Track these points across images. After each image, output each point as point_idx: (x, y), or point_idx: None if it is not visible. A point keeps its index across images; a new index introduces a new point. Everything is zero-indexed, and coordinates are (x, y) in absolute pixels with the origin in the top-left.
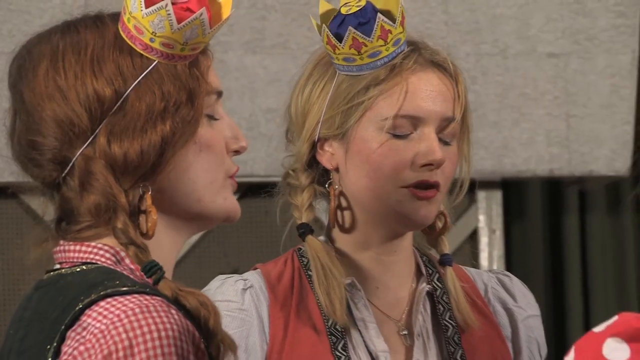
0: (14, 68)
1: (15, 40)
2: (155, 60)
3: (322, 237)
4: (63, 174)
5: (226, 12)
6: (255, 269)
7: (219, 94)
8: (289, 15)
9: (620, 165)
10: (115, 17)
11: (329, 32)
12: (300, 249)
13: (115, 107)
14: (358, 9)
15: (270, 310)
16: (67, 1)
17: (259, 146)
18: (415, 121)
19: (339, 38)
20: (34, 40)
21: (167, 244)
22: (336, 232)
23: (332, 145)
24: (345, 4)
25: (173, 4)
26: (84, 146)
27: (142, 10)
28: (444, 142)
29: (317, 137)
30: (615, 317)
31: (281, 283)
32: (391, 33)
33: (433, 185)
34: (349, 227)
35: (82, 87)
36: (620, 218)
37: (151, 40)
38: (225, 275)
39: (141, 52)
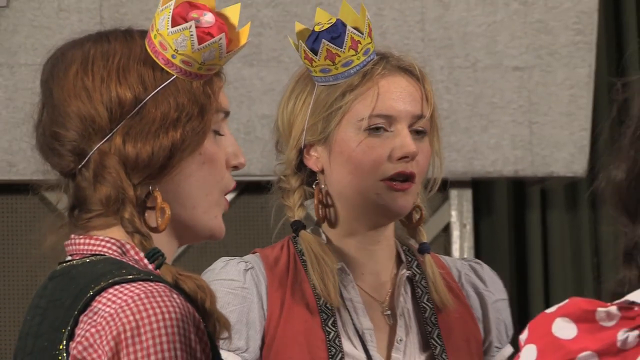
0: (47, 67)
1: (38, 53)
2: (174, 75)
3: (313, 230)
4: (79, 166)
5: (243, 40)
6: (255, 252)
7: (227, 113)
8: (282, 32)
9: (578, 167)
10: (143, 33)
11: (306, 48)
12: (295, 237)
13: (134, 112)
14: (329, 25)
15: (268, 290)
16: (83, 18)
17: (255, 148)
18: (389, 120)
19: (315, 52)
20: (69, 44)
21: (164, 247)
22: (325, 226)
23: (317, 149)
24: (318, 23)
25: (197, 27)
26: (101, 142)
27: (168, 29)
28: (416, 138)
29: (303, 143)
30: (566, 300)
31: (278, 266)
32: (360, 43)
33: (409, 177)
34: (335, 221)
35: (106, 90)
36: (578, 214)
37: (173, 56)
38: (228, 257)
39: (163, 66)
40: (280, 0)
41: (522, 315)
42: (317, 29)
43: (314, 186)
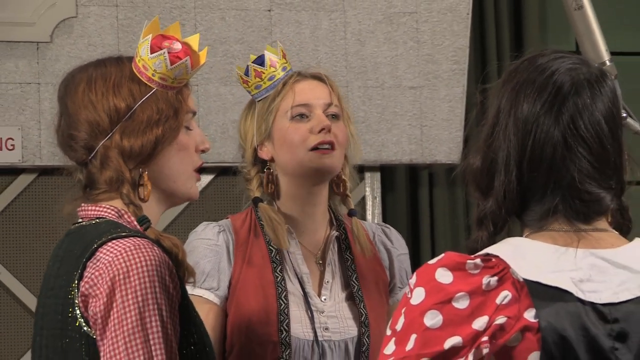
0: (62, 86)
1: None
2: (154, 88)
3: (268, 202)
4: (90, 157)
5: (202, 60)
6: (227, 218)
7: (194, 113)
8: (247, 61)
9: (454, 157)
10: (130, 58)
11: (242, 74)
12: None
13: (127, 116)
14: (255, 58)
15: (235, 246)
16: (106, 51)
17: (228, 143)
18: (307, 107)
19: (247, 75)
20: (77, 69)
21: (154, 210)
22: (275, 199)
23: (265, 144)
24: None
25: (169, 52)
26: (104, 140)
27: (148, 55)
28: (331, 121)
29: (256, 144)
30: (443, 254)
31: (243, 229)
32: (278, 62)
33: (330, 144)
34: (281, 194)
35: (106, 102)
36: (455, 191)
37: (153, 75)
38: (207, 222)
39: (146, 82)
40: (246, 38)
41: (414, 264)
42: (249, 64)
43: (264, 171)
